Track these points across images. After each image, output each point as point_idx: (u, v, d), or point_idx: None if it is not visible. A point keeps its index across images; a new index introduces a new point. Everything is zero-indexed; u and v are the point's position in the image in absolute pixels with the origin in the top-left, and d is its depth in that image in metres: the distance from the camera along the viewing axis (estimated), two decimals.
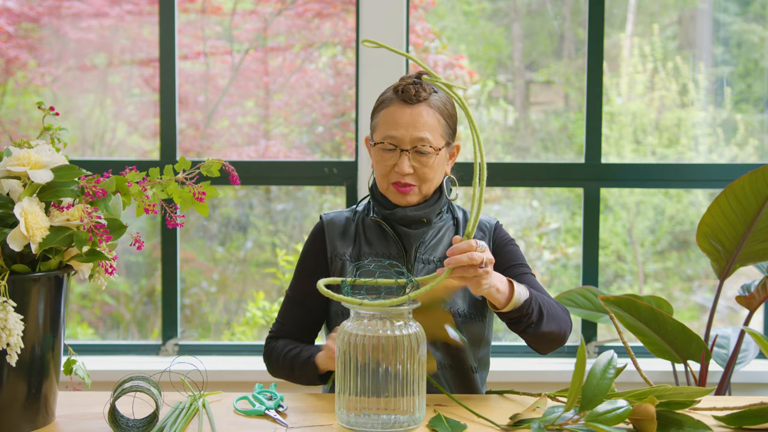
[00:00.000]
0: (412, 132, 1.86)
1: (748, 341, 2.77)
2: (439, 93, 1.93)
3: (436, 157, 1.88)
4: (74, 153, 3.57)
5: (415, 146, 1.87)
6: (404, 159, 1.87)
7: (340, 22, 3.62)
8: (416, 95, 1.87)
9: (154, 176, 1.61)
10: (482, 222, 2.02)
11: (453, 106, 1.95)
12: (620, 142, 3.85)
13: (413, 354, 1.53)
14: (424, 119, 1.87)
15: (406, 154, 1.87)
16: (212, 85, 3.73)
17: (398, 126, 1.87)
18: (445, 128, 1.91)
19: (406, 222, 1.92)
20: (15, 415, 1.52)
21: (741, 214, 2.45)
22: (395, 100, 1.89)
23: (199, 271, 3.81)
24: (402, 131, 1.86)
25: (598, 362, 1.53)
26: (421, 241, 1.94)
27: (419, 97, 1.87)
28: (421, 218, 1.92)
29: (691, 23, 3.83)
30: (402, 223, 1.93)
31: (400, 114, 1.87)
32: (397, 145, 1.87)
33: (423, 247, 1.94)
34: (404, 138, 1.86)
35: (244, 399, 1.72)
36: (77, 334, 3.66)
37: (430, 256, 1.95)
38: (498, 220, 2.05)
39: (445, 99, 1.93)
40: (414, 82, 1.89)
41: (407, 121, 1.86)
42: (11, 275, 1.47)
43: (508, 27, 3.90)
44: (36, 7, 3.49)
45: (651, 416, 1.48)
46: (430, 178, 1.90)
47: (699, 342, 2.45)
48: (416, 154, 1.87)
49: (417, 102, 1.88)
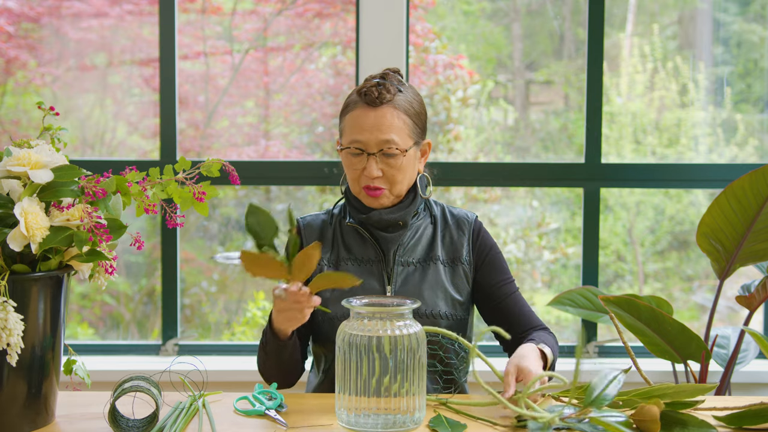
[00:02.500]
0: (377, 135, 1.84)
1: (748, 341, 2.77)
2: (405, 91, 1.90)
3: (404, 158, 1.86)
4: (74, 153, 3.57)
5: (381, 149, 1.85)
6: (372, 162, 1.85)
7: (340, 22, 3.62)
8: (379, 97, 1.85)
9: (154, 176, 1.61)
10: (460, 217, 1.99)
11: (420, 104, 1.92)
12: (620, 142, 3.85)
13: (413, 354, 1.53)
14: (388, 121, 1.85)
15: (374, 157, 1.85)
16: (212, 85, 3.73)
17: (363, 130, 1.85)
18: (412, 128, 1.89)
19: (382, 226, 1.91)
20: (15, 415, 1.52)
21: (741, 214, 2.45)
22: (359, 103, 1.87)
23: (199, 271, 3.81)
24: (367, 135, 1.85)
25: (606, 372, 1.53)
26: (399, 243, 1.93)
27: (383, 98, 1.85)
28: (397, 221, 1.91)
29: (691, 23, 3.83)
30: (378, 227, 1.91)
31: (364, 117, 1.86)
32: (364, 149, 1.86)
33: (401, 250, 1.93)
34: (370, 141, 1.85)
35: (244, 399, 1.72)
36: (77, 334, 3.67)
37: (409, 258, 1.93)
38: (477, 215, 2.02)
39: (411, 98, 1.90)
40: (377, 84, 1.87)
41: (372, 124, 1.85)
42: (11, 275, 1.47)
43: (508, 27, 3.90)
44: (36, 7, 3.49)
45: (654, 417, 1.48)
46: (399, 179, 1.88)
47: (699, 342, 2.45)
48: (383, 156, 1.85)
49: (381, 104, 1.85)
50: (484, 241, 1.99)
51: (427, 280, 1.91)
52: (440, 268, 1.93)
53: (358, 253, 1.94)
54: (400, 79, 1.93)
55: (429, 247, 1.95)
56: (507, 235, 3.87)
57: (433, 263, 1.93)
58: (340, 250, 1.95)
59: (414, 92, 1.93)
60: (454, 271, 1.94)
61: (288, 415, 1.64)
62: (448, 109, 3.77)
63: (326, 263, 1.94)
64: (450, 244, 1.96)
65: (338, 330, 1.57)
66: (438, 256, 1.94)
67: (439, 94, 3.77)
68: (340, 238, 1.96)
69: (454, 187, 3.62)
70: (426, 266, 1.93)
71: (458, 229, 1.97)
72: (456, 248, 1.96)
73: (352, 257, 1.93)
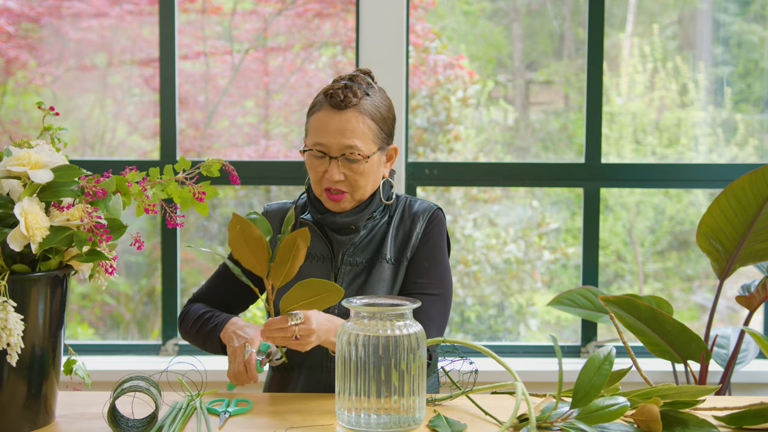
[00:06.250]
0: (340, 139, 1.83)
1: (748, 341, 2.77)
2: (373, 95, 1.87)
3: (366, 164, 1.84)
4: (74, 153, 3.57)
5: (343, 153, 1.83)
6: (333, 166, 1.84)
7: (340, 22, 3.62)
8: (345, 101, 1.83)
9: (154, 176, 1.61)
10: (419, 211, 1.94)
11: (388, 109, 1.90)
12: (620, 142, 3.85)
13: (413, 354, 1.53)
14: (352, 126, 1.83)
15: (336, 161, 1.84)
16: (212, 85, 3.73)
17: (326, 133, 1.83)
18: (377, 133, 1.86)
19: (336, 228, 1.91)
20: (15, 415, 1.52)
21: (741, 214, 2.45)
22: (325, 105, 1.85)
23: (199, 271, 3.81)
24: (330, 138, 1.83)
25: (595, 356, 1.52)
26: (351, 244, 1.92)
27: (348, 102, 1.83)
28: (349, 225, 1.90)
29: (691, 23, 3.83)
30: (332, 228, 1.91)
31: (328, 120, 1.84)
32: (326, 152, 1.84)
33: (351, 249, 1.92)
34: (332, 145, 1.83)
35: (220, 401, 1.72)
36: (77, 334, 3.66)
37: (358, 258, 1.92)
38: (439, 207, 1.97)
39: (378, 102, 1.87)
40: (344, 86, 1.84)
41: (335, 128, 1.83)
42: (11, 275, 1.47)
43: (508, 27, 3.90)
44: (36, 7, 3.49)
45: (655, 417, 1.48)
46: (362, 185, 1.86)
47: (699, 342, 2.45)
48: (346, 161, 1.84)
49: (345, 108, 1.83)
50: (430, 230, 1.94)
51: (371, 281, 1.90)
52: (385, 267, 1.91)
53: (310, 249, 1.93)
54: (369, 81, 1.90)
55: (378, 247, 1.93)
56: (507, 235, 3.87)
57: (378, 263, 1.91)
58: None
59: (382, 96, 1.90)
60: (397, 269, 1.92)
61: (288, 415, 1.64)
62: (448, 109, 3.77)
63: None
64: (401, 241, 1.93)
65: (338, 330, 1.57)
66: (385, 256, 1.91)
67: (439, 94, 3.77)
68: None
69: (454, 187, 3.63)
70: (372, 266, 1.91)
71: (412, 223, 1.93)
72: (405, 245, 1.92)
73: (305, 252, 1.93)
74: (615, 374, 1.63)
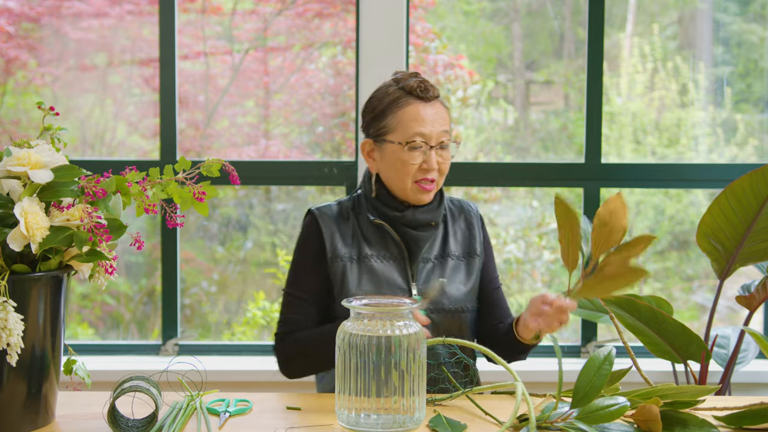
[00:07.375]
0: (438, 127, 1.90)
1: (748, 341, 2.77)
2: None
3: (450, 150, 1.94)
4: (74, 153, 3.57)
5: (441, 141, 1.91)
6: (433, 155, 1.90)
7: (340, 22, 3.62)
8: (432, 92, 1.92)
9: (154, 176, 1.61)
10: (463, 209, 2.06)
11: None
12: (620, 142, 3.85)
13: (413, 354, 1.53)
14: (442, 115, 1.93)
15: (434, 150, 1.90)
16: (212, 85, 3.73)
17: (425, 123, 1.89)
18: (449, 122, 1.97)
19: (415, 225, 1.93)
20: (15, 415, 1.52)
21: (741, 214, 2.45)
22: (411, 99, 1.91)
23: (199, 271, 3.81)
24: (429, 128, 1.89)
25: (595, 356, 1.53)
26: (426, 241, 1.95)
27: (436, 93, 1.93)
28: (429, 221, 1.94)
29: (691, 23, 3.83)
30: (410, 226, 1.93)
31: (423, 112, 1.90)
32: (427, 141, 1.89)
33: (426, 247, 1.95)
34: (432, 134, 1.90)
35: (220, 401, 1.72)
36: (77, 334, 3.66)
37: (428, 255, 1.96)
38: (477, 205, 2.11)
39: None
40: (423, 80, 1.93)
41: (431, 117, 1.90)
42: (11, 275, 1.47)
43: (508, 27, 3.90)
44: (36, 7, 3.49)
45: (655, 417, 1.47)
46: (446, 171, 1.95)
47: (699, 342, 2.45)
48: (439, 149, 1.91)
49: (434, 98, 1.93)
50: (484, 230, 2.07)
51: (447, 276, 1.95)
52: (456, 263, 1.98)
53: (381, 250, 1.95)
54: None
55: (443, 243, 1.99)
56: (507, 235, 3.87)
57: (449, 258, 1.98)
58: (362, 246, 1.94)
59: None
60: (468, 265, 1.99)
61: (288, 415, 1.64)
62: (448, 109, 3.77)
63: (348, 259, 1.94)
64: (462, 237, 2.02)
65: (338, 330, 1.57)
66: (450, 252, 1.98)
67: None
68: (360, 234, 1.96)
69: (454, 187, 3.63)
70: (443, 262, 1.97)
71: (467, 222, 2.03)
72: (469, 242, 2.02)
73: (375, 254, 1.94)
74: (615, 374, 1.63)
